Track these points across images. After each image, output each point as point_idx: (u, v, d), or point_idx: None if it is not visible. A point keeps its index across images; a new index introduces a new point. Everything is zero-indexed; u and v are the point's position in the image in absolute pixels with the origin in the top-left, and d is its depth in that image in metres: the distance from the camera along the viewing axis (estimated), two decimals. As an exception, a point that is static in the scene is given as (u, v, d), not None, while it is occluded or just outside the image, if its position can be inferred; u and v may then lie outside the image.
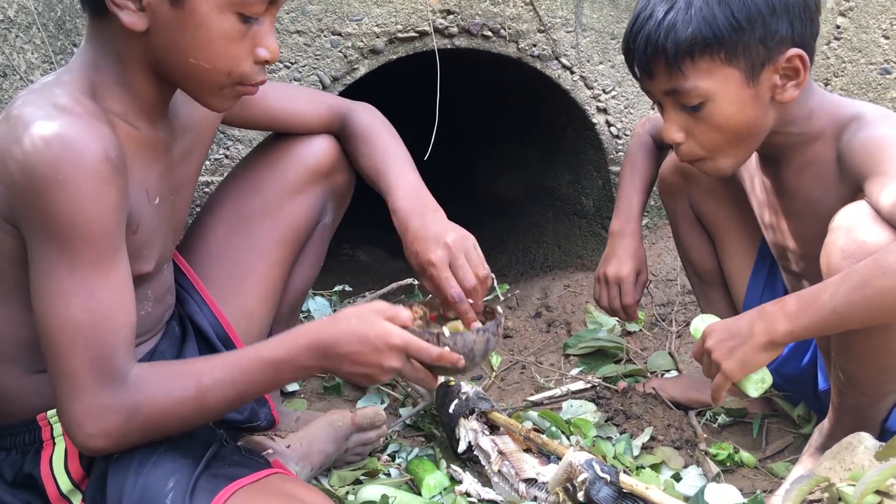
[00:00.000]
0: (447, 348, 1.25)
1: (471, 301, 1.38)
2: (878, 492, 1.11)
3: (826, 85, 2.58)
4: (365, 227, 4.03)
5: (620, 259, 1.75)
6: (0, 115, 1.15)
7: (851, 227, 1.26)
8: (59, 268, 1.08)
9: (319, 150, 1.55)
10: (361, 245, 3.84)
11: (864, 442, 1.26)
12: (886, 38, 2.55)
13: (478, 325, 1.38)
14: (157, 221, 1.28)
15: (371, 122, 1.57)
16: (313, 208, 1.56)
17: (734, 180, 1.69)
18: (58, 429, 1.22)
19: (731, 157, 1.46)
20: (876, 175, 1.26)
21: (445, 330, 1.32)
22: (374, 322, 1.20)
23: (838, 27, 2.54)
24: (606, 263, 1.77)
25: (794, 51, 1.36)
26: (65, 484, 1.21)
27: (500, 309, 1.41)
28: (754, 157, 1.58)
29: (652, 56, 1.37)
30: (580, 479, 1.33)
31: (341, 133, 1.58)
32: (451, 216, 1.47)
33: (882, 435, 1.38)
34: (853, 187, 1.34)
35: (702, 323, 1.48)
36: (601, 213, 2.72)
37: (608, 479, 1.31)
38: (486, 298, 1.42)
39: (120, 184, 1.11)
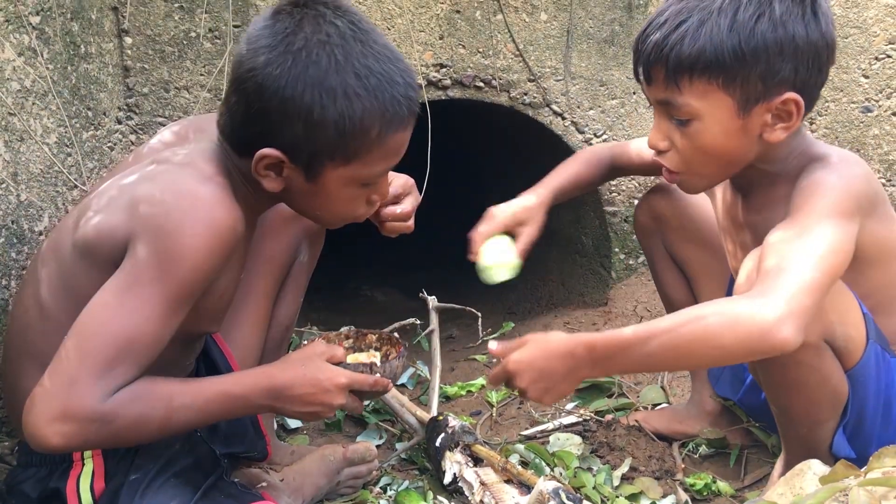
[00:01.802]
0: (378, 376, 1.42)
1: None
2: (815, 514, 1.17)
3: (811, 124, 2.66)
4: (382, 269, 4.15)
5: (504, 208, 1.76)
6: (134, 172, 1.32)
7: (750, 270, 1.33)
8: (140, 285, 1.20)
9: None
10: (379, 286, 3.97)
11: (813, 468, 1.32)
12: (866, 77, 2.63)
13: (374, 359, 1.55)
14: (233, 291, 1.47)
15: None
16: (289, 247, 1.69)
17: (705, 220, 1.76)
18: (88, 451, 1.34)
19: (706, 178, 1.50)
20: (788, 215, 1.32)
21: (376, 360, 1.50)
22: (321, 366, 1.36)
23: (819, 68, 2.63)
24: None
25: (791, 95, 1.36)
26: (87, 501, 1.33)
27: (396, 334, 1.62)
28: (728, 183, 1.61)
29: (654, 63, 1.40)
30: (548, 506, 1.41)
31: None
32: (464, 254, 1.66)
33: (836, 461, 1.43)
34: None
35: (491, 252, 1.63)
36: (599, 251, 2.81)
37: (573, 506, 1.39)
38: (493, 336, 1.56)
39: (228, 256, 1.28)
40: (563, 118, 2.56)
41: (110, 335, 1.18)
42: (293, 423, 2.08)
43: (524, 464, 1.80)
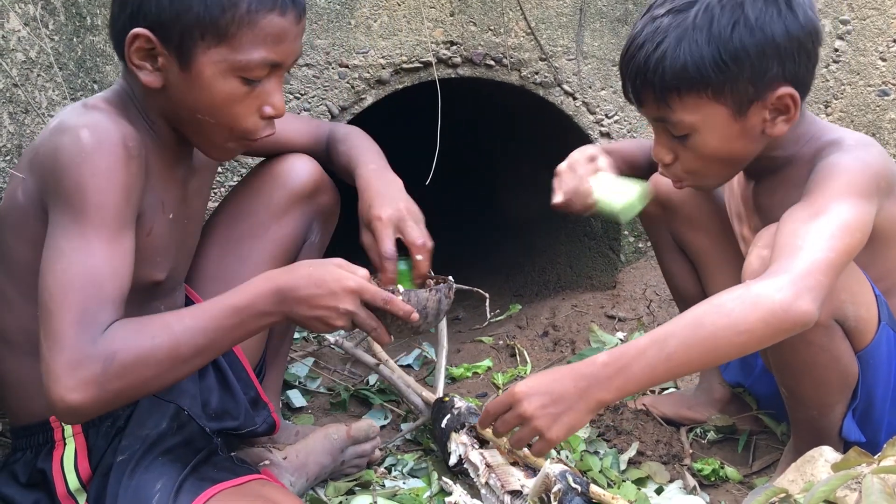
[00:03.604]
0: (399, 298, 1.30)
1: (420, 258, 1.44)
2: (827, 502, 1.15)
3: (826, 107, 2.62)
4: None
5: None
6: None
7: (761, 248, 1.31)
8: (67, 232, 1.19)
9: (302, 173, 1.65)
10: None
11: (825, 455, 1.30)
12: (883, 60, 2.59)
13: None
14: (171, 235, 1.40)
15: (349, 129, 1.70)
16: (299, 228, 1.65)
17: (714, 207, 1.73)
18: (68, 430, 1.33)
19: (715, 179, 1.51)
20: (803, 197, 1.31)
21: (400, 287, 1.37)
22: (330, 268, 1.26)
23: (836, 51, 2.58)
24: None
25: (784, 89, 1.36)
26: (73, 482, 1.32)
27: (451, 278, 1.45)
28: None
29: (641, 86, 1.40)
30: (554, 489, 1.39)
31: (327, 146, 1.70)
32: (473, 237, 1.57)
33: (846, 447, 1.42)
34: None
35: (610, 190, 1.53)
36: (608, 234, 2.78)
37: (579, 489, 1.37)
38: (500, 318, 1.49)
39: (133, 170, 1.24)
40: (575, 98, 2.52)
41: (69, 284, 1.16)
42: (298, 402, 2.08)
43: (530, 446, 1.78)
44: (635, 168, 1.74)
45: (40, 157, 1.25)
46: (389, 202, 1.47)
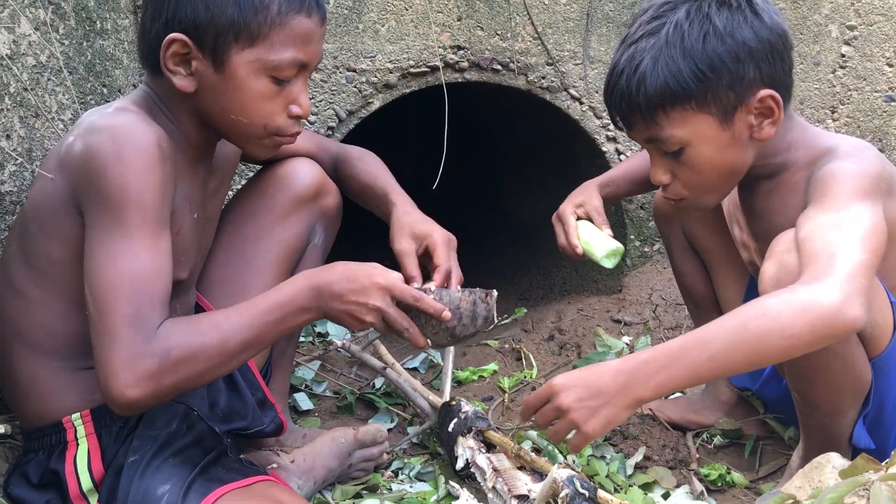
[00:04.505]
0: (431, 297, 1.33)
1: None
2: (835, 508, 1.15)
3: (833, 112, 2.62)
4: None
5: (564, 202, 1.82)
6: (67, 134, 1.36)
7: (781, 254, 1.32)
8: (111, 233, 1.23)
9: (304, 176, 1.69)
10: (395, 269, 3.95)
11: (833, 461, 1.30)
12: (890, 66, 2.59)
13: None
14: (194, 235, 1.45)
15: (364, 151, 1.78)
16: (302, 230, 1.69)
17: (724, 209, 1.74)
18: (81, 430, 1.35)
19: (715, 193, 1.54)
20: (811, 204, 1.32)
21: (432, 286, 1.40)
22: (364, 266, 1.33)
23: (843, 56, 2.58)
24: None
25: (765, 92, 1.41)
26: (86, 482, 1.33)
27: (495, 291, 1.45)
28: None
29: (627, 110, 1.45)
30: (562, 494, 1.39)
31: (337, 159, 1.76)
32: (479, 240, 1.60)
33: (854, 453, 1.42)
34: None
35: (585, 231, 1.65)
36: (615, 237, 2.78)
37: (587, 494, 1.37)
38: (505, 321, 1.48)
39: (167, 170, 1.28)
40: (581, 103, 2.53)
41: (119, 286, 1.20)
42: (304, 406, 2.08)
43: (536, 450, 1.79)
44: (645, 184, 1.79)
45: (73, 158, 1.27)
46: (430, 229, 1.59)
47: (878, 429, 1.44)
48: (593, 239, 1.73)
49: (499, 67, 2.46)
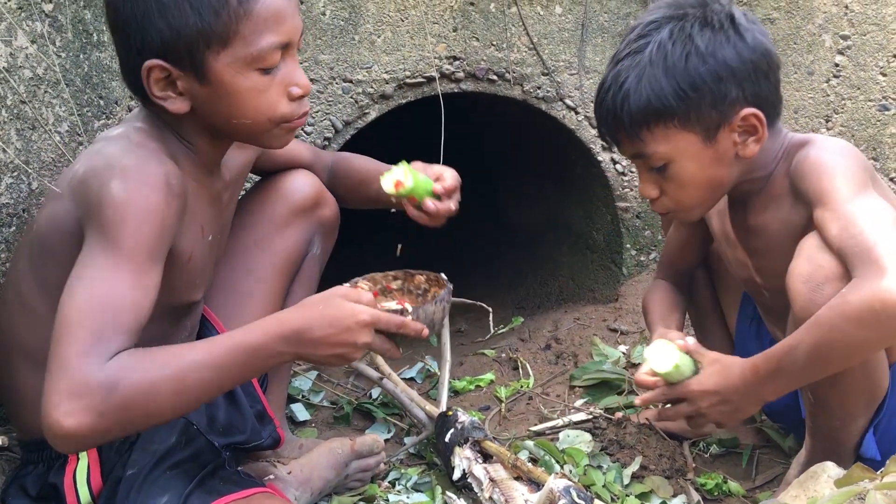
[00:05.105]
0: (409, 318, 1.33)
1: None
2: (830, 517, 1.16)
3: (827, 122, 2.63)
4: (393, 263, 4.13)
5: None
6: (81, 156, 1.37)
7: (811, 253, 1.34)
8: (97, 259, 1.21)
9: (302, 187, 1.71)
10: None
11: (828, 471, 1.31)
12: (884, 75, 2.61)
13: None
14: (208, 256, 1.45)
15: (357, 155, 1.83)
16: (301, 240, 1.70)
17: None
18: None
19: (700, 207, 1.57)
20: (821, 206, 1.33)
21: (408, 306, 1.39)
22: (341, 304, 1.26)
23: (837, 65, 2.60)
24: None
25: (748, 110, 1.43)
26: (85, 496, 1.33)
27: (444, 275, 1.50)
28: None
29: (614, 126, 1.48)
30: (558, 504, 1.40)
31: (335, 163, 1.79)
32: (476, 248, 1.61)
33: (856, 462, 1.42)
34: (807, 209, 1.40)
35: (655, 353, 1.53)
36: (611, 247, 2.79)
37: (583, 504, 1.38)
38: (502, 331, 1.50)
39: (173, 208, 1.27)
40: (577, 112, 2.54)
41: (87, 309, 1.15)
42: (301, 416, 2.08)
43: (533, 461, 1.79)
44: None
45: (85, 188, 1.26)
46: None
47: (885, 438, 1.45)
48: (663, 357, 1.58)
49: (495, 78, 2.47)
